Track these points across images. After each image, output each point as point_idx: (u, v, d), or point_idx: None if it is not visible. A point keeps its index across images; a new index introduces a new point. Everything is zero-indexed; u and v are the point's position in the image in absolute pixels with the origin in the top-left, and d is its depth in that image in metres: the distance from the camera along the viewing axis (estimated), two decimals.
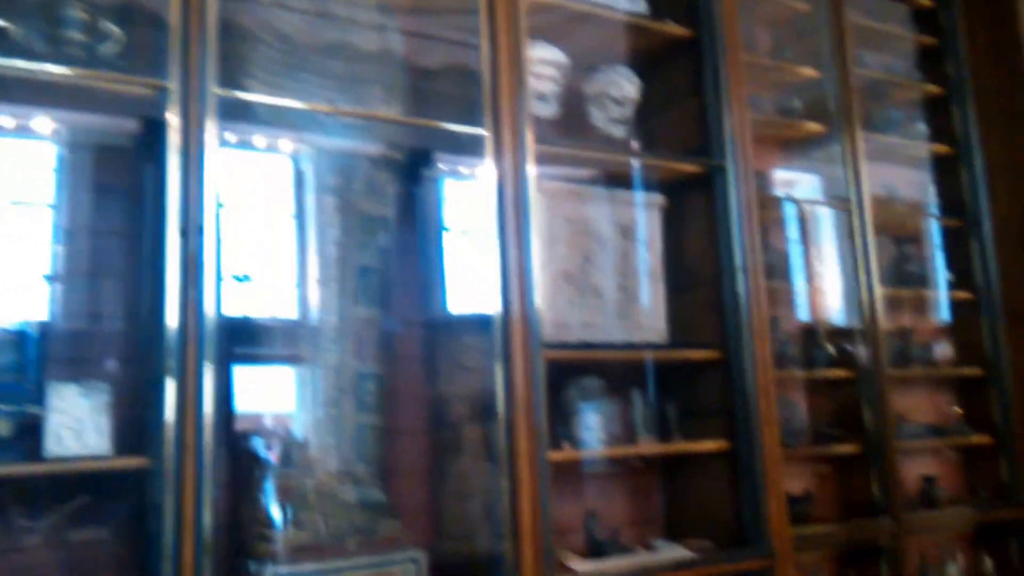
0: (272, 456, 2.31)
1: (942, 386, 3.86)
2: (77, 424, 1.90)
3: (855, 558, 3.30)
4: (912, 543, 3.37)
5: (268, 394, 2.46)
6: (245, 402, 2.36)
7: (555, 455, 2.56)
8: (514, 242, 2.48)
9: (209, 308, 1.99)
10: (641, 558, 2.64)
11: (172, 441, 1.90)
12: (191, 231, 1.98)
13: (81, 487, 2.02)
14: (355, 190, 2.64)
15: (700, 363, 2.94)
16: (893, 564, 3.22)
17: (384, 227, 2.67)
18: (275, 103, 2.32)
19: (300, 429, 2.38)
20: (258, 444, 2.31)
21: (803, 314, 3.53)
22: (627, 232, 2.94)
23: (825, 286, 3.53)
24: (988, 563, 3.60)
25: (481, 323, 2.46)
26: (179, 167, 2.02)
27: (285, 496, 2.25)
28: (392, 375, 2.59)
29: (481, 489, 2.42)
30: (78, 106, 2.25)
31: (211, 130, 2.07)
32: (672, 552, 2.70)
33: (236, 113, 2.26)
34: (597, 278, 2.85)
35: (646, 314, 2.92)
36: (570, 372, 2.82)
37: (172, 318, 1.94)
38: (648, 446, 2.85)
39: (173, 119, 2.04)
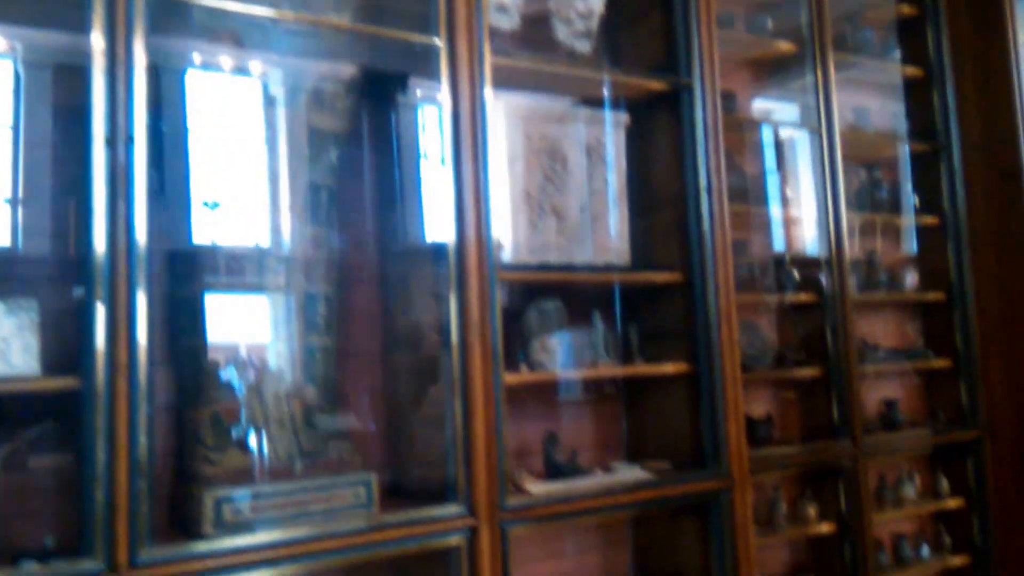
0: (219, 379, 2.23)
1: (906, 311, 3.85)
2: (2, 343, 1.81)
3: (814, 479, 3.32)
4: (870, 464, 3.40)
5: (217, 318, 2.38)
6: (190, 325, 2.28)
7: (512, 378, 2.51)
8: (470, 158, 2.39)
9: (140, 225, 1.89)
10: (597, 479, 2.62)
11: (103, 364, 1.82)
12: (118, 141, 1.86)
13: (9, 409, 1.94)
14: (309, 105, 2.51)
15: (662, 286, 2.89)
16: (850, 484, 3.25)
17: (336, 144, 2.55)
18: (213, 5, 2.17)
19: (248, 352, 2.31)
20: (204, 366, 2.23)
21: (772, 239, 3.48)
22: (590, 152, 2.84)
23: (795, 212, 3.47)
24: (944, 483, 3.66)
25: (439, 247, 2.38)
26: (104, 71, 1.88)
27: (231, 419, 2.19)
28: (344, 298, 2.51)
29: (436, 413, 2.37)
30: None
31: (140, 31, 1.94)
32: (629, 473, 2.69)
33: (172, 19, 2.12)
34: (558, 199, 2.76)
35: (608, 236, 2.85)
36: (530, 295, 2.75)
37: (100, 237, 1.84)
38: (609, 369, 2.81)
39: (97, 20, 1.90)
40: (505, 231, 2.60)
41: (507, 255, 2.58)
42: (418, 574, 2.42)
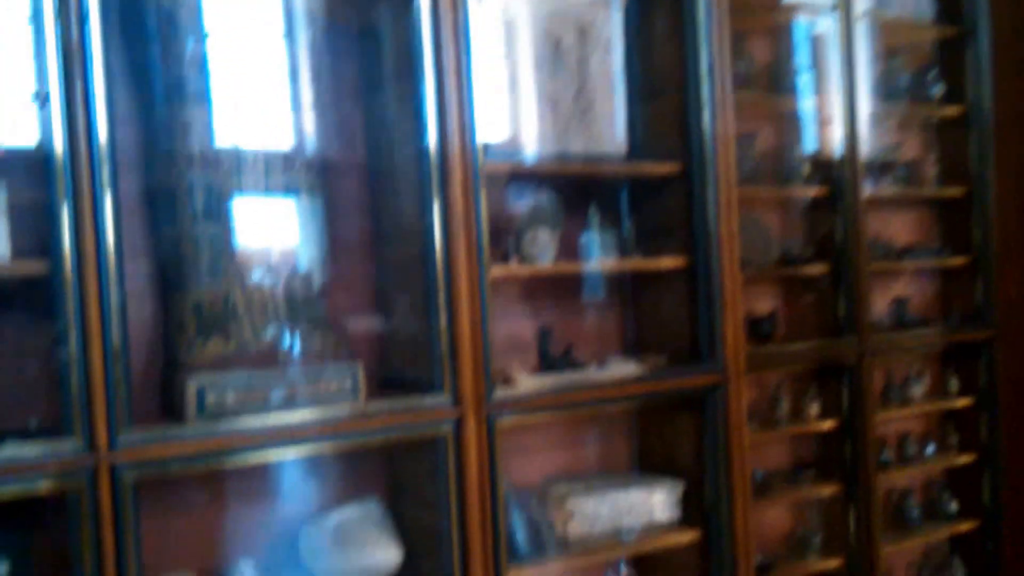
0: (202, 268, 2.22)
1: (924, 207, 3.72)
2: None
3: (819, 377, 3.28)
4: (878, 363, 3.35)
5: (204, 209, 2.34)
6: (172, 215, 2.24)
7: (500, 271, 2.48)
8: (451, 38, 2.28)
9: (101, 119, 1.84)
10: (589, 374, 2.61)
11: (70, 253, 1.81)
12: (70, 17, 1.79)
13: None
14: None
15: (661, 178, 2.79)
16: (855, 382, 3.21)
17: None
18: None
19: (231, 239, 2.28)
20: (187, 256, 2.21)
21: (785, 131, 3.34)
22: (585, 33, 2.71)
23: (809, 102, 3.31)
24: (954, 383, 3.60)
25: (422, 138, 2.30)
26: None
27: (214, 307, 2.18)
28: (332, 192, 2.46)
29: (423, 305, 2.35)
30: None
31: None
32: (623, 368, 2.67)
33: None
34: (550, 85, 2.65)
35: (604, 125, 2.75)
36: (522, 188, 2.68)
37: (58, 132, 1.81)
38: (604, 263, 2.76)
39: None
40: (492, 119, 2.50)
41: (496, 144, 2.50)
42: (406, 465, 2.45)
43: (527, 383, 2.47)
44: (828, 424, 3.24)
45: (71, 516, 1.83)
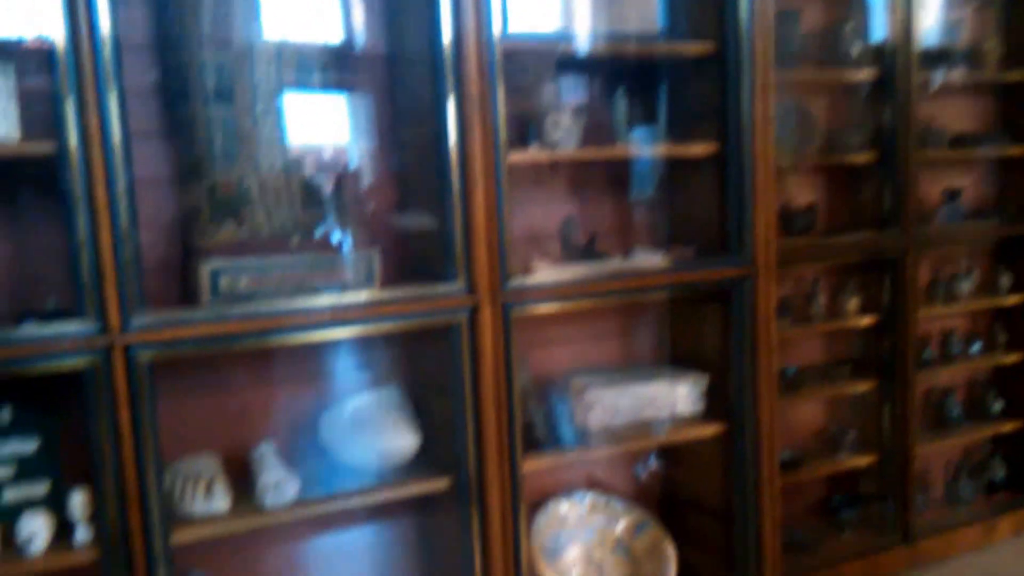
0: (217, 151, 2.19)
1: (984, 92, 3.47)
2: None
3: (860, 272, 3.16)
4: (924, 258, 3.20)
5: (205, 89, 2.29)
6: (187, 98, 2.21)
7: (519, 156, 2.40)
8: None
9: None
10: (611, 264, 2.55)
11: (75, 136, 1.80)
12: None
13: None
14: None
15: (693, 59, 2.64)
16: (897, 277, 3.08)
17: None
18: None
19: (246, 123, 2.24)
20: (199, 136, 2.18)
21: (834, 8, 3.12)
22: None
23: None
24: (1006, 279, 3.43)
25: (436, 19, 2.19)
26: None
27: (228, 191, 2.17)
28: (351, 78, 2.39)
29: (439, 192, 2.29)
30: None
31: None
32: (647, 259, 2.60)
33: None
34: None
35: (635, 2, 2.59)
36: (545, 69, 2.57)
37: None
38: (631, 149, 2.65)
39: None
40: None
41: (515, 23, 2.37)
42: (423, 354, 2.46)
43: (546, 273, 2.42)
44: (867, 320, 3.14)
45: (88, 396, 1.88)
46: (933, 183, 3.31)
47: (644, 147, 2.67)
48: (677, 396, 2.70)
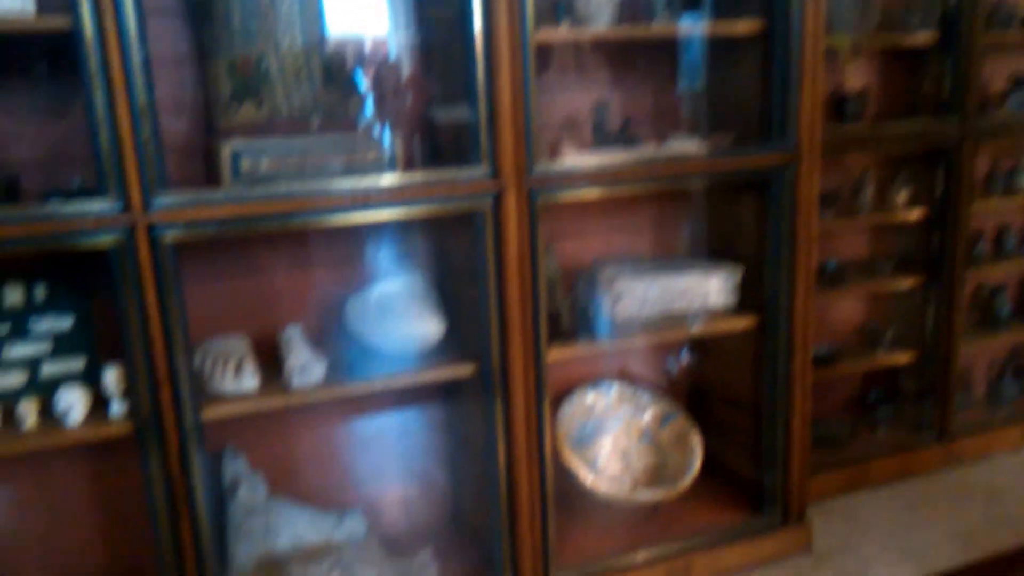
0: (236, 28, 2.13)
1: None
2: None
3: (914, 162, 3.01)
4: (985, 148, 3.03)
5: None
6: None
7: (546, 34, 2.29)
8: None
9: None
10: (643, 151, 2.45)
11: (87, 2, 1.75)
12: None
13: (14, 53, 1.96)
14: None
15: None
16: (953, 168, 2.92)
17: None
18: None
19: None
20: (217, 12, 2.12)
21: None
22: None
23: None
24: None
25: None
26: None
27: (246, 70, 2.12)
28: None
29: (463, 73, 2.20)
30: None
31: None
32: (682, 145, 2.49)
33: None
34: None
35: None
36: None
37: None
38: (669, 27, 2.50)
39: None
40: None
41: None
42: (449, 240, 2.43)
43: (575, 159, 2.34)
44: (917, 214, 3.01)
45: (116, 276, 1.90)
46: (1000, 68, 3.09)
47: (683, 25, 2.51)
48: (710, 288, 2.64)
